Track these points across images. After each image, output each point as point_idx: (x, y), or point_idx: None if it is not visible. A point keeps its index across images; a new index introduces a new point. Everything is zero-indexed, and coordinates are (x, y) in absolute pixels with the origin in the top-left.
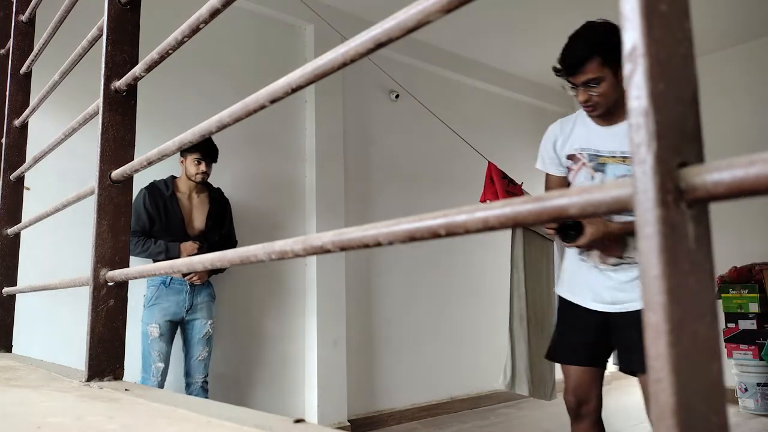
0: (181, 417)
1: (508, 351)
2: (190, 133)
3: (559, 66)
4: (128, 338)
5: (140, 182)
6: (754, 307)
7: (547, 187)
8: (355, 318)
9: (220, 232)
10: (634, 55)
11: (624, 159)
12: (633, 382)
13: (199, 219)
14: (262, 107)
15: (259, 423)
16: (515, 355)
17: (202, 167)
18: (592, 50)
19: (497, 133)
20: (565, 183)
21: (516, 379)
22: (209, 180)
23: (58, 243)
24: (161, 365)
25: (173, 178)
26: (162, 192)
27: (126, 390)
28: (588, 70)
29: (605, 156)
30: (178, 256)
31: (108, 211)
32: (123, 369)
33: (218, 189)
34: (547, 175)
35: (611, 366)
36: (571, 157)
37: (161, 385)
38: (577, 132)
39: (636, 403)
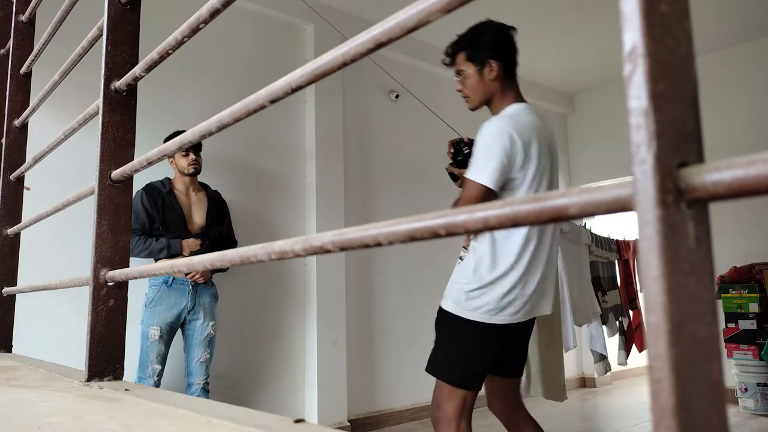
0: (181, 417)
1: None
2: (190, 133)
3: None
4: (127, 337)
5: (136, 185)
6: (754, 307)
7: None
8: (355, 318)
9: (220, 229)
10: (634, 55)
11: None
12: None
13: (199, 215)
14: (262, 107)
15: (259, 423)
16: (528, 357)
17: (191, 157)
18: (460, 44)
19: None
20: None
21: (531, 381)
22: (207, 182)
23: (58, 243)
24: (158, 367)
25: (169, 179)
26: (159, 190)
27: (126, 390)
28: (457, 62)
29: None
30: (180, 253)
31: (108, 211)
32: (123, 369)
33: (216, 190)
34: None
35: (611, 365)
36: None
37: (157, 386)
38: None
39: (636, 403)
